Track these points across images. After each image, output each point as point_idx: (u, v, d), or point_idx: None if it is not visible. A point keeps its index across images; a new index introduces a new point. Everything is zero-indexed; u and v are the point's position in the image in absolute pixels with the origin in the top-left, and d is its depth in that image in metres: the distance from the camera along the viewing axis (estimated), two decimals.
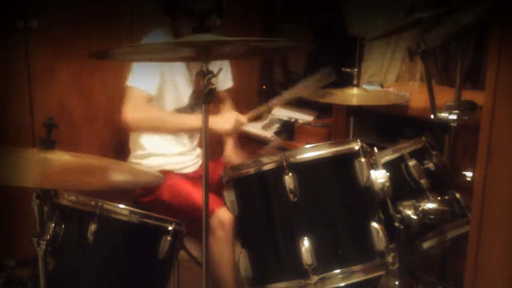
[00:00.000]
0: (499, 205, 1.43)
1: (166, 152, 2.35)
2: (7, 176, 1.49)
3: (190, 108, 2.35)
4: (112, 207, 1.71)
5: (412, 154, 1.90)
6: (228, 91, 2.53)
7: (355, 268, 1.60)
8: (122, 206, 1.73)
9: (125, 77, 2.19)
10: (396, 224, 1.75)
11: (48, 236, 1.57)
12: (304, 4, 3.45)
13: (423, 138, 1.97)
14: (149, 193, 2.24)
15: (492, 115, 1.41)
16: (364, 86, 2.50)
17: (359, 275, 1.60)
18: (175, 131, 2.33)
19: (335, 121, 2.86)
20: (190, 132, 2.38)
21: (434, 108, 2.09)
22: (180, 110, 2.32)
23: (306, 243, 1.58)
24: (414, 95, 2.57)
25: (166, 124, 2.24)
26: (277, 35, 3.40)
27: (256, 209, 1.71)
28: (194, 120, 2.23)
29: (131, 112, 2.13)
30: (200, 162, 2.42)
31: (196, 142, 2.44)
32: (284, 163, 1.61)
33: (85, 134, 2.80)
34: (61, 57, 2.68)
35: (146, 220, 1.75)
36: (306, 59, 3.54)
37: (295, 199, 1.61)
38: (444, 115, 2.07)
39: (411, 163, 1.87)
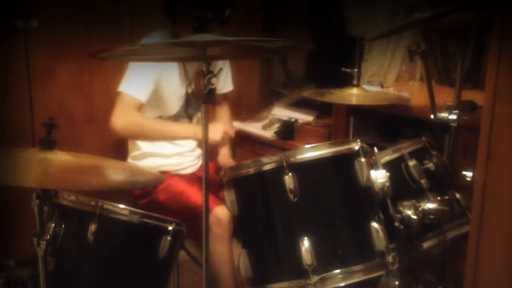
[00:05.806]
0: (499, 205, 1.43)
1: (163, 152, 2.32)
2: (7, 176, 1.49)
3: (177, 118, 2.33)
4: (112, 207, 1.71)
5: (412, 154, 1.90)
6: (228, 94, 2.52)
7: (355, 268, 1.60)
8: (122, 206, 1.73)
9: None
10: (396, 224, 1.75)
11: (48, 236, 1.57)
12: (304, 4, 3.45)
13: (423, 138, 1.97)
14: (145, 195, 2.24)
15: (492, 115, 1.40)
16: (364, 86, 2.50)
17: (359, 275, 1.60)
18: (163, 140, 2.31)
19: (335, 121, 2.85)
20: (178, 139, 2.35)
21: (434, 108, 2.09)
22: (164, 119, 2.30)
23: (306, 243, 1.58)
24: (414, 95, 2.57)
25: (155, 133, 2.23)
26: (277, 35, 3.40)
27: (256, 209, 1.71)
28: (183, 129, 2.24)
29: (120, 118, 2.11)
30: (199, 163, 2.40)
31: (196, 142, 2.40)
32: (284, 163, 1.61)
33: (85, 134, 2.80)
34: (61, 57, 2.68)
35: (146, 220, 1.75)
36: (306, 59, 3.54)
37: (295, 199, 1.60)
38: (444, 115, 2.07)
39: (411, 163, 1.87)
